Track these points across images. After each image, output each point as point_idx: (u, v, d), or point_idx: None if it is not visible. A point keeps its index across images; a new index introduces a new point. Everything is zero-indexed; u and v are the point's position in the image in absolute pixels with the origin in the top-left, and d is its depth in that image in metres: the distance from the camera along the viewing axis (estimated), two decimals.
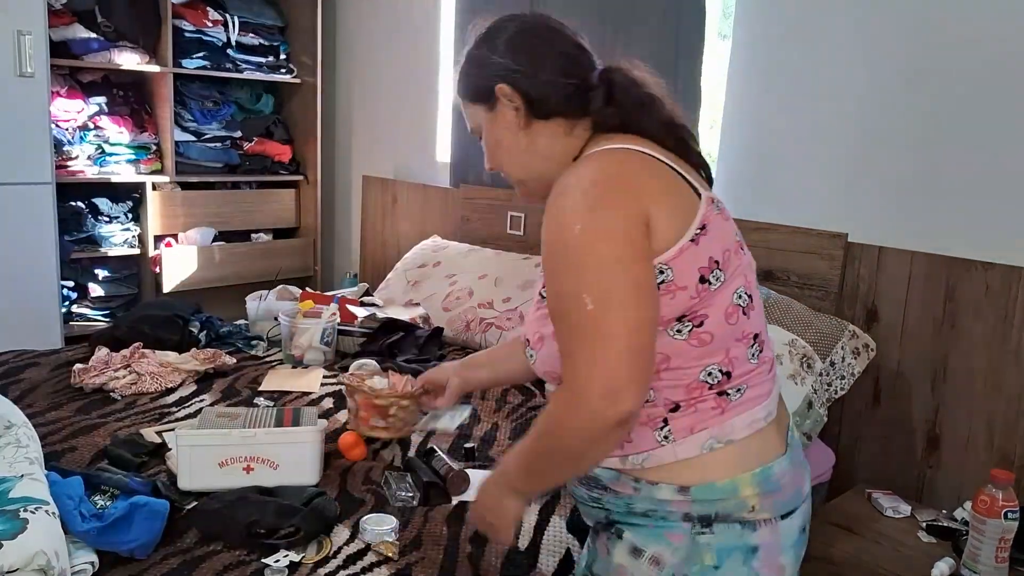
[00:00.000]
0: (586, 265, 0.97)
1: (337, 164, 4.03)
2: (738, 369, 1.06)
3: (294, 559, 1.30)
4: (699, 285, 1.01)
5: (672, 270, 1.00)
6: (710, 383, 1.05)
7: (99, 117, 3.30)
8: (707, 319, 1.03)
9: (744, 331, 1.07)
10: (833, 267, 2.24)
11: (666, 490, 1.05)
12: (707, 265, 1.02)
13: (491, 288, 2.66)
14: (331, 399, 2.04)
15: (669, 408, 1.05)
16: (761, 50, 2.37)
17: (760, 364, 1.09)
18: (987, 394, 2.01)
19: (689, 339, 1.03)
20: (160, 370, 2.08)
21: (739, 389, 1.06)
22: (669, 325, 1.02)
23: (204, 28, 3.44)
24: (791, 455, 1.11)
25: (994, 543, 1.64)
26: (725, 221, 1.08)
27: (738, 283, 1.06)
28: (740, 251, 1.09)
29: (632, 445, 1.06)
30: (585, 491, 1.15)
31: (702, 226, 1.02)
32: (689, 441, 1.04)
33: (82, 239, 3.31)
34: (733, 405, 1.06)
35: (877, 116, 2.16)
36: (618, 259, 0.97)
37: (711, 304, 1.03)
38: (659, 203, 1.00)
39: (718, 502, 1.04)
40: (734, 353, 1.06)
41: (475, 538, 1.41)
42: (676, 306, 1.01)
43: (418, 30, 3.46)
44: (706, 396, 1.05)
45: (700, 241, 1.01)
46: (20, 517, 1.18)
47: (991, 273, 1.98)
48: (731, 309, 1.05)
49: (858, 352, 2.10)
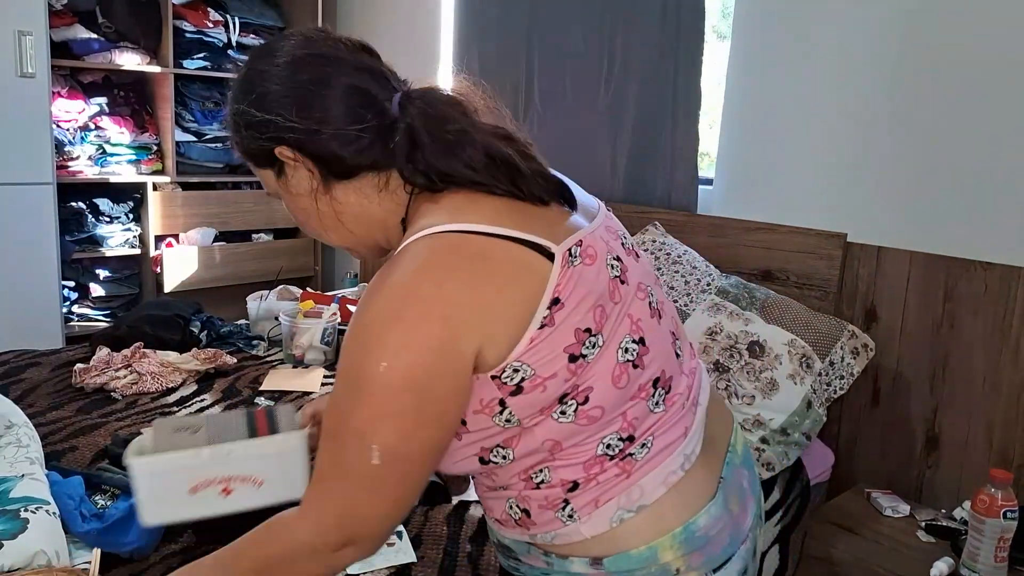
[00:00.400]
0: (384, 416, 0.84)
1: None
2: (641, 427, 0.93)
3: None
4: (570, 365, 0.86)
5: (528, 365, 0.85)
6: (610, 454, 0.91)
7: (100, 117, 3.31)
8: (592, 392, 0.88)
9: (640, 384, 0.92)
10: (832, 267, 2.24)
11: (578, 564, 0.94)
12: (575, 340, 0.86)
13: None
14: None
15: (567, 488, 0.92)
16: (760, 50, 2.37)
17: (669, 407, 0.95)
18: (986, 394, 2.01)
19: (577, 419, 0.89)
20: (161, 370, 2.09)
21: (644, 444, 0.93)
22: (552, 410, 0.88)
23: (205, 29, 3.45)
24: (724, 492, 0.98)
25: (993, 543, 1.64)
26: (590, 267, 0.90)
27: (621, 335, 0.91)
28: (619, 287, 0.92)
29: (536, 526, 0.95)
30: (503, 558, 1.06)
31: (555, 300, 0.85)
32: (595, 516, 0.92)
33: (83, 239, 3.31)
34: (640, 464, 0.92)
35: (876, 116, 2.16)
36: (417, 418, 0.84)
37: (593, 375, 0.88)
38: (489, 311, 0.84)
39: (636, 571, 0.93)
40: (633, 414, 0.92)
41: (475, 537, 1.41)
42: (551, 394, 0.87)
43: (418, 30, 3.46)
44: (607, 467, 0.91)
45: (555, 319, 0.85)
46: (21, 517, 1.18)
47: (990, 273, 1.98)
48: (618, 372, 0.90)
49: (857, 352, 2.10)
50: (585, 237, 0.91)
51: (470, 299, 0.84)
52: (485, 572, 1.34)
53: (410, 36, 3.50)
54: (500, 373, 0.85)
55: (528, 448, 0.90)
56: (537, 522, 0.94)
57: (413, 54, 3.49)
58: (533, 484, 0.93)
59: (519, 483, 0.94)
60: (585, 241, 0.91)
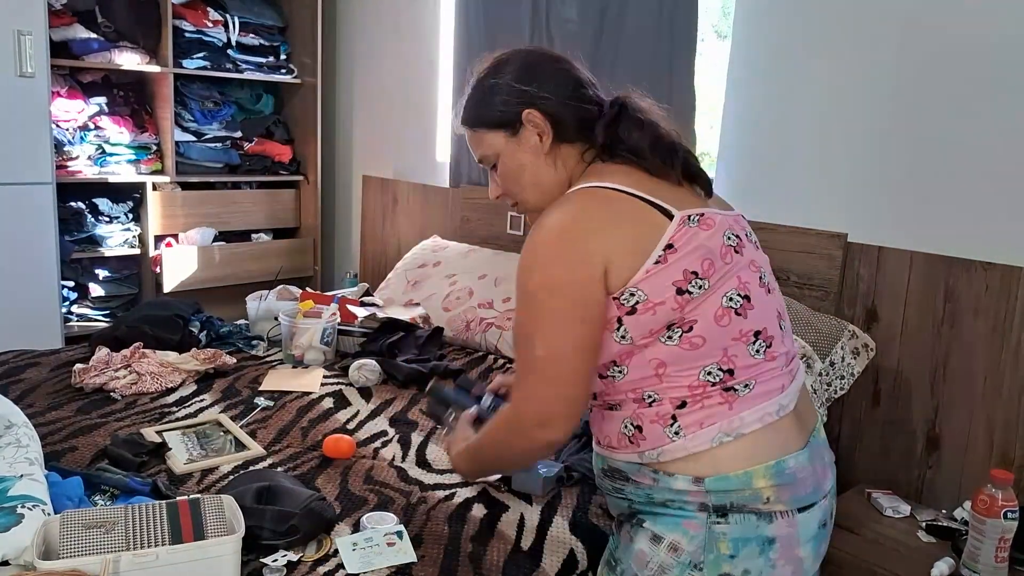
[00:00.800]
0: (540, 315, 1.13)
1: (337, 164, 4.03)
2: (741, 365, 1.13)
3: (292, 559, 1.30)
4: (677, 297, 1.10)
5: (643, 291, 1.10)
6: (712, 381, 1.12)
7: (99, 117, 3.31)
8: (696, 323, 1.11)
9: (741, 330, 1.14)
10: (833, 267, 2.24)
11: (682, 481, 1.12)
12: (683, 278, 1.11)
13: (491, 288, 2.67)
14: (331, 399, 2.05)
15: (676, 405, 1.12)
16: (761, 50, 2.37)
17: (768, 360, 1.15)
18: (987, 394, 2.01)
19: (680, 343, 1.11)
20: (160, 370, 2.08)
21: (747, 384, 1.13)
22: (660, 333, 1.12)
23: (204, 28, 3.45)
24: (811, 452, 1.16)
25: (994, 543, 1.64)
26: (705, 231, 1.14)
27: (728, 286, 1.14)
28: (733, 254, 1.16)
29: (646, 441, 1.15)
30: (609, 482, 1.24)
31: (668, 245, 1.11)
32: (699, 435, 1.11)
33: (82, 239, 3.31)
34: (741, 400, 1.12)
35: (876, 116, 2.16)
36: (566, 316, 1.11)
37: (698, 310, 1.11)
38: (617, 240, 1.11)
39: (732, 492, 1.10)
40: (733, 352, 1.13)
41: (476, 537, 1.41)
42: (660, 319, 1.11)
43: (418, 30, 3.46)
44: (711, 392, 1.12)
45: (668, 259, 1.11)
46: (17, 512, 1.18)
47: (991, 273, 1.98)
48: (720, 312, 1.12)
49: (857, 352, 2.10)
50: (708, 212, 1.17)
51: (598, 228, 1.12)
52: (487, 572, 1.34)
53: (410, 36, 3.50)
54: (620, 295, 1.11)
55: (639, 368, 1.13)
56: (647, 437, 1.14)
57: (413, 54, 3.49)
58: (645, 404, 1.15)
59: (632, 403, 1.16)
60: (707, 214, 1.16)
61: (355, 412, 1.97)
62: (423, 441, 1.82)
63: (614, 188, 1.16)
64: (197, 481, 1.57)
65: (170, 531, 1.10)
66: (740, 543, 1.11)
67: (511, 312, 2.54)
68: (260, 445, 1.73)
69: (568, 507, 1.53)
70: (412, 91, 3.52)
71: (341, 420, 1.92)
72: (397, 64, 3.58)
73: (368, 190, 3.77)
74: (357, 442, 1.77)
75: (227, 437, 1.77)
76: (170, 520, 1.14)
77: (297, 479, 1.55)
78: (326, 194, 4.00)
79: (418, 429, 1.89)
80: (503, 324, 2.52)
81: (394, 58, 3.60)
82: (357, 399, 2.06)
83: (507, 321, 2.52)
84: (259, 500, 1.38)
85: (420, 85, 3.47)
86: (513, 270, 2.93)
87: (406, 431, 1.88)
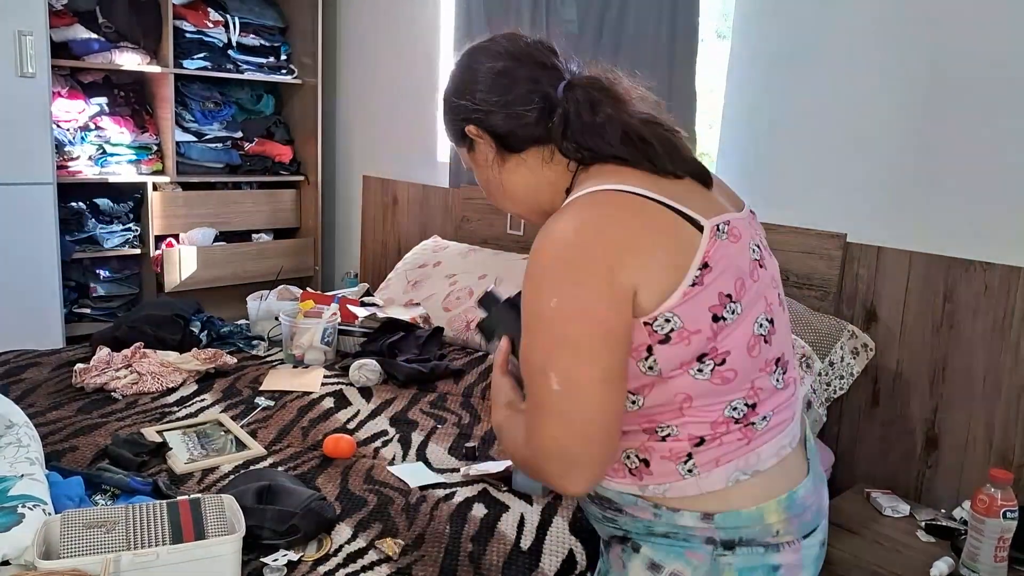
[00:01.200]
0: (557, 344, 0.95)
1: (337, 164, 4.04)
2: (764, 398, 1.04)
3: (292, 559, 1.30)
4: (713, 324, 0.97)
5: (679, 317, 0.96)
6: (736, 417, 1.02)
7: (100, 117, 3.31)
8: (729, 356, 0.99)
9: (767, 359, 1.04)
10: (832, 267, 2.24)
11: (688, 517, 1.03)
12: (718, 303, 0.98)
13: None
14: (331, 399, 2.05)
15: (694, 443, 1.01)
16: (760, 50, 2.37)
17: (785, 388, 1.07)
18: (986, 394, 2.01)
19: (712, 378, 0.99)
20: (161, 370, 2.09)
21: (765, 417, 1.04)
22: (690, 365, 0.98)
23: (205, 29, 3.45)
24: (813, 473, 1.11)
25: (993, 542, 1.64)
26: (735, 244, 1.01)
27: (758, 311, 1.02)
28: (758, 269, 1.04)
29: (652, 477, 1.04)
30: (597, 510, 1.13)
31: (704, 264, 0.97)
32: (715, 474, 1.02)
33: (83, 239, 3.31)
34: (759, 434, 1.03)
35: (876, 116, 2.16)
36: (589, 347, 0.94)
37: (730, 339, 0.99)
38: (647, 258, 0.96)
39: (743, 528, 1.03)
40: (759, 384, 1.03)
41: (477, 537, 1.41)
42: (693, 349, 0.97)
43: (418, 30, 3.46)
44: (731, 430, 1.02)
45: (704, 280, 0.97)
46: (18, 512, 1.18)
47: (990, 273, 1.98)
48: (752, 341, 1.01)
49: (857, 352, 2.10)
50: (732, 219, 1.04)
51: (628, 243, 0.96)
52: (486, 572, 1.34)
53: (410, 36, 3.50)
54: (652, 321, 0.96)
55: (658, 399, 1.00)
56: (654, 472, 1.03)
57: (413, 54, 3.49)
58: (658, 437, 1.02)
59: (642, 435, 1.03)
60: (732, 222, 1.03)
61: (355, 412, 1.98)
62: (423, 441, 1.83)
63: (634, 192, 1.00)
64: (198, 481, 1.57)
65: (171, 531, 1.10)
66: (745, 572, 1.04)
67: None
68: (261, 445, 1.74)
69: (568, 508, 1.53)
70: (412, 91, 3.52)
71: (341, 420, 1.92)
72: (397, 64, 3.59)
73: (368, 190, 3.77)
74: (357, 442, 1.77)
75: (228, 437, 1.78)
76: (171, 520, 1.13)
77: (297, 479, 1.56)
78: (326, 194, 4.01)
79: (418, 429, 1.90)
80: None
81: (394, 58, 3.60)
82: (357, 399, 2.07)
83: None
84: (259, 500, 1.39)
85: (420, 85, 3.48)
86: (513, 270, 2.91)
87: (406, 431, 1.88)
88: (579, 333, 0.94)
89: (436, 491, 1.57)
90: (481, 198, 3.16)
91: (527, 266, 0.99)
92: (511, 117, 1.10)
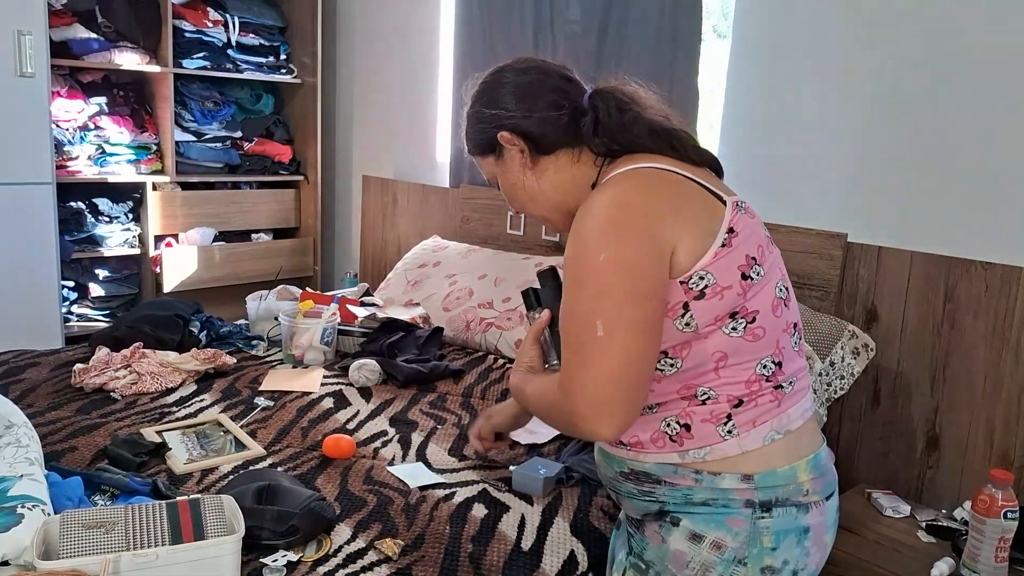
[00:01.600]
0: (604, 293, 1.05)
1: (337, 164, 4.03)
2: (787, 358, 1.15)
3: (292, 559, 1.30)
4: (742, 282, 1.09)
5: (712, 274, 1.08)
6: (766, 375, 1.12)
7: (99, 117, 3.31)
8: (758, 314, 1.11)
9: (787, 321, 1.16)
10: (833, 267, 2.24)
11: (729, 479, 1.12)
12: (745, 263, 1.10)
13: (491, 288, 2.67)
14: (331, 399, 2.04)
15: (733, 404, 1.11)
16: (760, 50, 2.37)
17: (799, 355, 1.19)
18: (987, 394, 2.01)
19: (745, 335, 1.10)
20: (160, 370, 2.08)
21: (791, 382, 1.15)
22: (723, 322, 1.09)
23: (204, 28, 3.45)
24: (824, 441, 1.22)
25: (994, 543, 1.64)
26: (752, 219, 1.14)
27: (776, 276, 1.15)
28: (770, 246, 1.17)
29: (692, 440, 1.13)
30: (633, 486, 1.20)
31: (730, 229, 1.10)
32: (752, 434, 1.12)
33: (82, 239, 3.31)
34: (787, 396, 1.14)
35: (876, 116, 2.16)
36: (632, 294, 1.05)
37: (757, 299, 1.11)
38: (683, 221, 1.08)
39: (779, 488, 1.12)
40: (783, 343, 1.15)
41: (477, 537, 1.41)
42: (726, 305, 1.09)
43: (418, 30, 3.46)
44: (764, 390, 1.12)
45: (732, 243, 1.09)
46: (17, 512, 1.18)
47: (991, 273, 1.98)
48: (775, 302, 1.13)
49: (857, 352, 2.10)
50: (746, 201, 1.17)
51: (668, 208, 1.09)
52: (487, 572, 1.34)
53: (410, 36, 3.50)
54: (688, 279, 1.07)
55: (695, 360, 1.10)
56: (695, 436, 1.12)
57: (413, 54, 3.49)
58: (698, 401, 1.12)
59: (681, 401, 1.13)
60: (747, 203, 1.16)
61: (355, 412, 1.97)
62: (423, 441, 1.82)
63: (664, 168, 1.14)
64: (197, 481, 1.57)
65: (170, 531, 1.10)
66: (781, 535, 1.12)
67: (511, 312, 2.54)
68: (260, 445, 1.73)
69: (569, 508, 1.53)
70: (412, 91, 3.52)
71: (341, 420, 1.92)
72: (397, 64, 3.58)
73: (368, 190, 3.77)
74: (357, 442, 1.77)
75: (227, 437, 1.77)
76: (170, 520, 1.13)
77: (297, 479, 1.55)
78: (326, 194, 4.00)
79: (418, 429, 1.89)
80: (503, 324, 2.52)
81: (394, 58, 3.60)
82: (357, 399, 2.06)
83: (507, 321, 2.52)
84: (259, 500, 1.38)
85: (420, 85, 3.47)
86: (513, 270, 2.92)
87: (406, 431, 1.88)
88: (624, 282, 1.05)
89: (436, 491, 1.57)
90: (481, 198, 3.16)
91: (571, 237, 1.11)
92: (544, 122, 1.22)
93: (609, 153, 1.21)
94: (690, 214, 1.10)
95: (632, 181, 1.13)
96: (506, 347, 2.48)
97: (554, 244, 2.91)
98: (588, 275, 1.07)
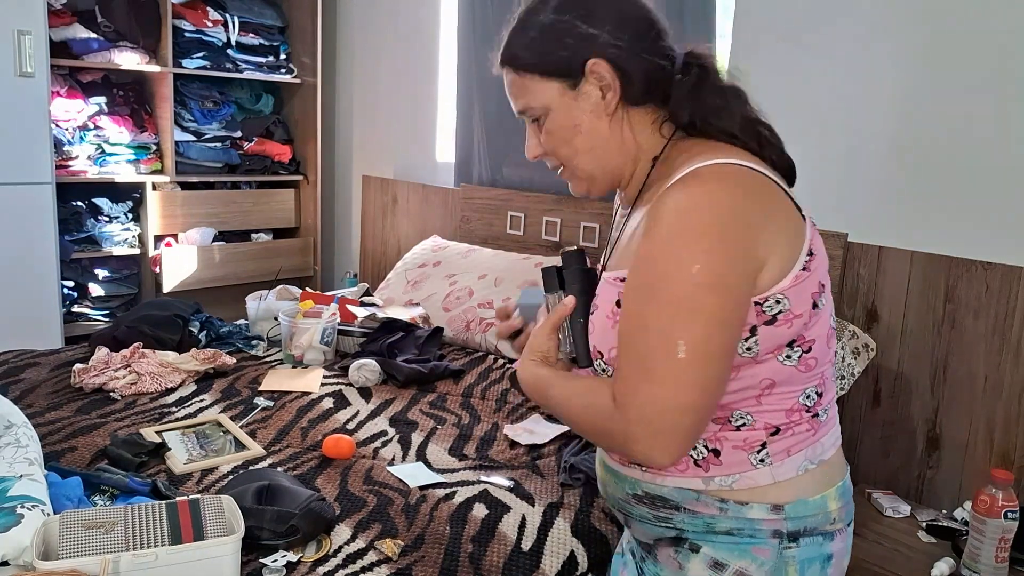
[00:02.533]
0: (693, 312, 0.92)
1: (337, 164, 4.03)
2: (827, 388, 1.06)
3: (292, 559, 1.30)
4: (811, 310, 0.98)
5: (788, 300, 0.96)
6: (808, 405, 1.03)
7: (99, 117, 3.30)
8: (814, 344, 1.00)
9: (833, 351, 1.07)
10: (833, 267, 2.24)
11: (758, 509, 1.03)
12: (817, 290, 0.99)
13: (491, 288, 2.66)
14: (331, 399, 2.04)
15: (770, 432, 1.02)
16: (760, 50, 2.37)
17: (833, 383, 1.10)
18: (987, 394, 2.01)
19: (798, 365, 1.00)
20: (160, 370, 2.08)
21: (825, 410, 1.06)
22: (780, 351, 0.99)
23: (204, 28, 3.44)
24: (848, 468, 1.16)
25: (994, 543, 1.64)
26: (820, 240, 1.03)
27: (831, 307, 1.04)
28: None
29: (720, 467, 1.02)
30: (647, 510, 1.09)
31: (810, 252, 0.98)
32: (787, 463, 1.03)
33: (82, 239, 3.31)
34: (821, 424, 1.05)
35: (876, 116, 2.15)
36: (722, 319, 0.92)
37: (815, 328, 1.00)
38: (775, 237, 0.96)
39: (809, 517, 1.04)
40: (827, 374, 1.06)
41: (477, 537, 1.41)
42: (792, 333, 0.98)
43: (418, 30, 3.46)
44: (803, 419, 1.03)
45: (810, 267, 0.98)
46: (16, 513, 1.18)
47: (991, 273, 1.98)
48: (829, 332, 1.03)
49: (858, 352, 2.10)
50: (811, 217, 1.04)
51: (763, 219, 0.95)
52: (487, 573, 1.33)
53: (410, 36, 3.50)
54: (763, 301, 0.95)
55: (743, 384, 0.99)
56: (724, 463, 1.02)
57: (413, 54, 3.49)
58: (732, 426, 1.01)
59: (712, 425, 1.01)
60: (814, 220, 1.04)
61: (355, 412, 1.97)
62: (423, 441, 1.82)
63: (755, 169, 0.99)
64: (197, 481, 1.57)
65: (170, 531, 1.10)
66: (806, 564, 1.05)
67: None
68: (260, 445, 1.73)
69: (570, 509, 1.53)
70: (412, 91, 3.52)
71: (341, 420, 1.91)
72: (397, 64, 3.58)
73: (368, 190, 3.77)
74: (357, 442, 1.77)
75: (227, 437, 1.77)
76: (170, 520, 1.13)
77: (297, 479, 1.55)
78: (326, 194, 4.00)
79: (418, 429, 1.89)
80: None
81: (394, 58, 3.60)
82: (357, 399, 2.06)
83: None
84: (259, 500, 1.38)
85: (420, 85, 3.47)
86: (513, 270, 2.91)
87: (406, 431, 1.87)
88: (717, 304, 0.92)
89: (436, 491, 1.57)
90: (481, 198, 3.16)
91: (654, 233, 0.95)
92: (650, 65, 1.02)
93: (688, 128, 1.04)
94: (782, 229, 0.97)
95: (734, 180, 0.96)
96: (506, 347, 2.48)
97: (554, 244, 2.91)
98: (674, 286, 0.92)
